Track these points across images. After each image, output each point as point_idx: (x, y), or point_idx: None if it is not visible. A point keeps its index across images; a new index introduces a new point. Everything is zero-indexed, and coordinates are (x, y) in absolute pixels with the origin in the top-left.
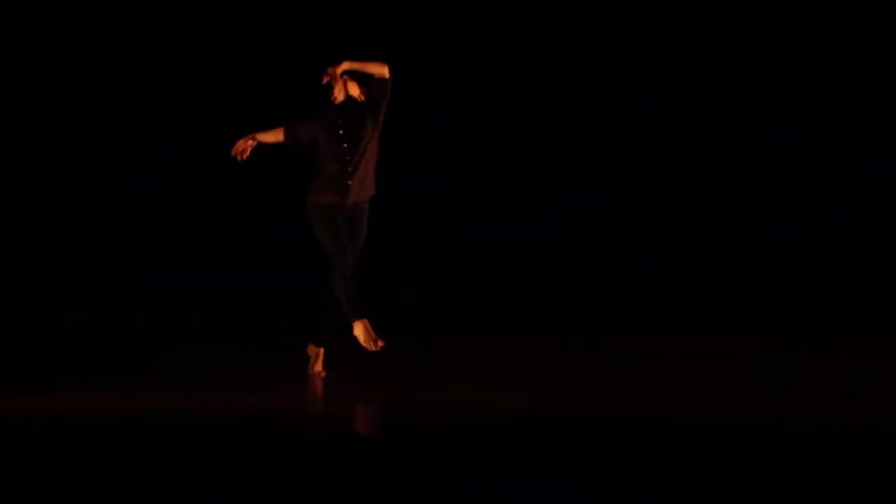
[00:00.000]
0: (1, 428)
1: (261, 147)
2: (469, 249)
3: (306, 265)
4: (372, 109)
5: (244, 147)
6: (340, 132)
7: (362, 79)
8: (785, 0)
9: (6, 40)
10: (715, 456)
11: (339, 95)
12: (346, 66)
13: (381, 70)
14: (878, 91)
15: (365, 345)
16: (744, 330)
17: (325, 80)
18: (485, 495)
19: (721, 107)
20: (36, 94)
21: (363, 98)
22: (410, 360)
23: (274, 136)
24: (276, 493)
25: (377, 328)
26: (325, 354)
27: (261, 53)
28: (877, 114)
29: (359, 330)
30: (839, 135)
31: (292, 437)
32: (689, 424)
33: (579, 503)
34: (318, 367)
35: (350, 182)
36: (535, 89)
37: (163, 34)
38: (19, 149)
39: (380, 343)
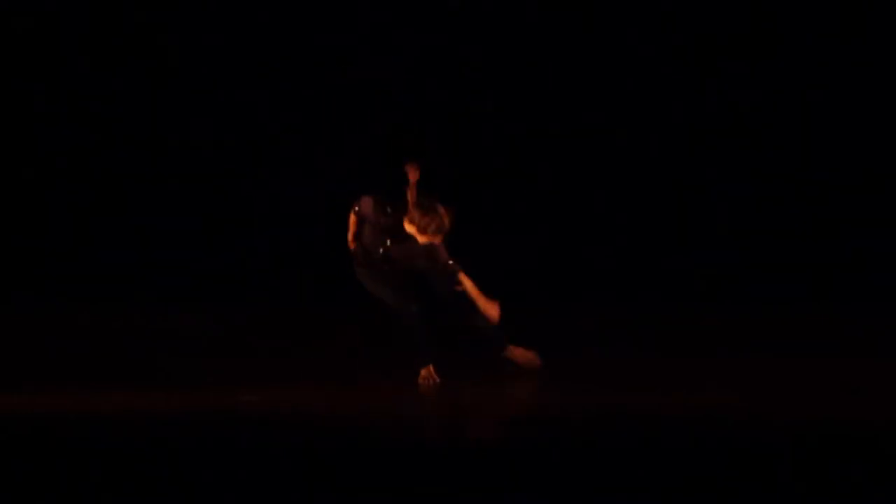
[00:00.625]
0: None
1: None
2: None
3: (306, 264)
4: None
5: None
6: (384, 224)
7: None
8: None
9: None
10: (714, 456)
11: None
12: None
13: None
14: None
15: (421, 382)
16: (742, 330)
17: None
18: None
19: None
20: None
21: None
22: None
23: (352, 226)
24: (276, 493)
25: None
26: (343, 364)
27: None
28: None
29: (424, 372)
30: None
31: (293, 437)
32: (688, 424)
33: (578, 503)
34: (432, 379)
35: (386, 268)
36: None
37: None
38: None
39: (434, 381)
